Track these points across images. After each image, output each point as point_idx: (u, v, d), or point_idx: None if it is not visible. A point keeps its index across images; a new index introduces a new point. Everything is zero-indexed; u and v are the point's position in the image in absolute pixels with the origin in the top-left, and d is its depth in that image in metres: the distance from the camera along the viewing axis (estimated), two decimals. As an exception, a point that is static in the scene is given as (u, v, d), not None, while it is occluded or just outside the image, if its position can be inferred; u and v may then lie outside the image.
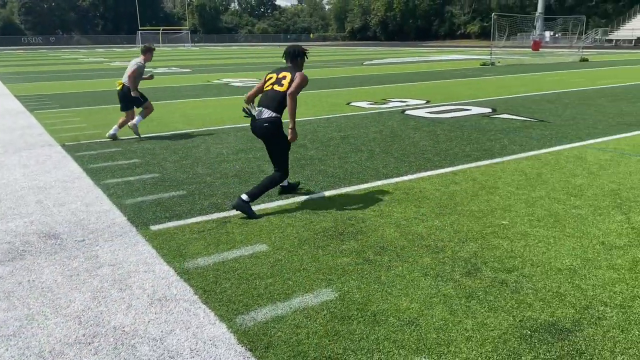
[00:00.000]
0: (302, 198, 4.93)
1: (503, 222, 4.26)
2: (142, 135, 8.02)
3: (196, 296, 3.11)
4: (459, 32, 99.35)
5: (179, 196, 5.04)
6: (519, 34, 53.72)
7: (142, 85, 8.53)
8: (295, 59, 4.75)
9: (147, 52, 7.76)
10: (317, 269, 3.43)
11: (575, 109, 10.49)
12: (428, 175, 5.70)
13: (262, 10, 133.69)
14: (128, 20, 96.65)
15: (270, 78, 4.75)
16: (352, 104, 11.77)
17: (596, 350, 2.53)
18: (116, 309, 2.99)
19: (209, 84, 17.18)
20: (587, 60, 28.94)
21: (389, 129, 8.49)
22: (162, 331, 2.75)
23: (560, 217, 4.36)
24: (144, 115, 7.91)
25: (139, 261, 3.61)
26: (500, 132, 8.05)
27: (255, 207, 4.65)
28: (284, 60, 4.79)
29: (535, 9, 73.78)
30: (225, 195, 5.05)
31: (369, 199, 4.90)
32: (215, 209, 4.64)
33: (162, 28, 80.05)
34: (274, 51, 54.51)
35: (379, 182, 5.45)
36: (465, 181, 5.45)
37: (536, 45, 35.93)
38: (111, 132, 7.85)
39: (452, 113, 10.09)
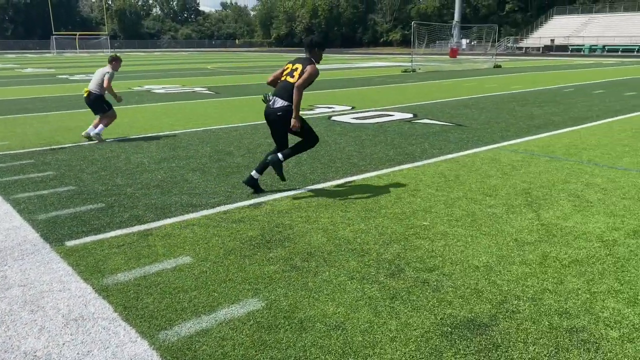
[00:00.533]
0: (228, 207, 4.85)
1: (424, 223, 4.40)
2: (54, 147, 7.62)
3: (116, 314, 2.97)
4: (382, 39, 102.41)
5: (97, 209, 4.80)
6: (437, 42, 56.11)
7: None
8: (313, 48, 4.98)
9: (115, 60, 8.15)
10: (243, 279, 3.38)
11: (489, 113, 11.08)
12: (354, 180, 5.79)
13: (185, 15, 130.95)
14: (41, 25, 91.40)
15: (287, 68, 5.03)
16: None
17: (511, 343, 2.66)
18: (27, 332, 2.79)
19: (130, 91, 16.56)
20: (500, 66, 30.71)
21: (316, 135, 8.54)
22: (78, 353, 2.60)
23: (476, 216, 4.57)
24: (105, 123, 8.20)
25: (53, 280, 3.39)
26: (421, 137, 8.34)
27: (179, 218, 4.53)
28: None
29: (452, 18, 77.45)
30: (147, 206, 4.87)
31: (297, 205, 4.90)
32: (136, 221, 4.46)
33: (79, 33, 76.30)
34: (198, 57, 53.51)
35: (307, 188, 5.47)
36: (390, 184, 5.59)
37: (453, 53, 37.69)
38: (94, 133, 8.12)
39: (376, 119, 10.34)
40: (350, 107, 12.19)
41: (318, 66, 4.99)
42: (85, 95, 8.08)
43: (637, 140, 7.88)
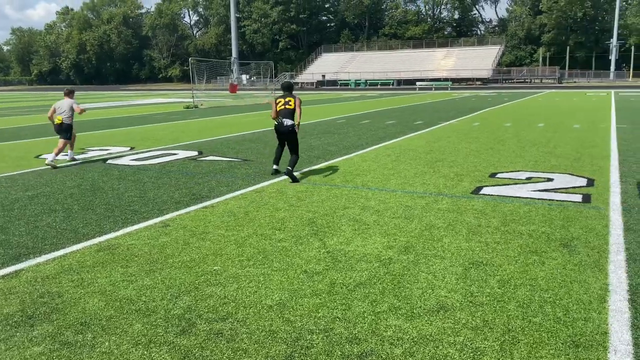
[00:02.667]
0: (-25, 281, 4.03)
1: (215, 267, 4.27)
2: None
3: None
4: (161, 75, 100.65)
5: None
6: (218, 77, 57.30)
7: None
8: (291, 89, 8.11)
9: (72, 93, 9.90)
10: (-4, 371, 2.79)
11: (273, 146, 11.45)
12: (136, 230, 5.37)
13: None
14: None
15: (280, 102, 7.89)
16: (44, 156, 10.49)
17: (308, 381, 2.67)
18: None
19: None
20: (279, 100, 32.49)
21: (89, 182, 7.82)
22: None
23: (268, 252, 4.61)
24: (72, 146, 9.93)
25: None
26: (208, 175, 8.24)
27: None
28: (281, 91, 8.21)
29: (230, 54, 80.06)
30: None
31: (67, 267, 4.32)
32: None
33: None
34: (-64, 98, 45.20)
35: (79, 245, 4.88)
36: (176, 230, 5.33)
37: (233, 88, 38.71)
38: (49, 159, 9.15)
39: (159, 159, 9.92)
40: (128, 148, 11.50)
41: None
42: (58, 123, 9.53)
43: (399, 163, 9.00)
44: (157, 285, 3.91)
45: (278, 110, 7.83)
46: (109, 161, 9.78)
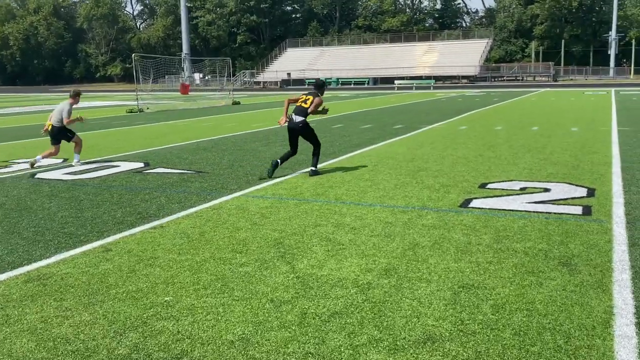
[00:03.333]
0: None
1: (166, 298, 4.23)
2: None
3: None
4: (99, 74, 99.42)
5: None
6: (167, 77, 56.91)
7: None
8: (321, 88, 9.32)
9: (77, 95, 10.64)
10: None
11: (232, 155, 11.54)
12: (71, 256, 5.29)
13: None
14: None
15: (302, 98, 9.17)
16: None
17: None
18: None
19: None
20: (239, 103, 32.62)
21: (15, 200, 7.67)
22: None
23: (227, 279, 4.60)
24: (78, 150, 10.55)
25: None
26: (156, 190, 8.17)
27: None
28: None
29: (181, 50, 79.70)
30: None
31: (-12, 302, 4.22)
32: None
33: None
34: None
35: (4, 276, 4.79)
36: (120, 255, 5.27)
37: (185, 89, 38.49)
38: (35, 157, 10.20)
39: (98, 172, 9.81)
40: (61, 160, 11.31)
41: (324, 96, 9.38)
42: (49, 129, 10.29)
43: (376, 174, 9.11)
44: (97, 321, 3.85)
45: (297, 105, 9.11)
46: (38, 175, 9.61)
